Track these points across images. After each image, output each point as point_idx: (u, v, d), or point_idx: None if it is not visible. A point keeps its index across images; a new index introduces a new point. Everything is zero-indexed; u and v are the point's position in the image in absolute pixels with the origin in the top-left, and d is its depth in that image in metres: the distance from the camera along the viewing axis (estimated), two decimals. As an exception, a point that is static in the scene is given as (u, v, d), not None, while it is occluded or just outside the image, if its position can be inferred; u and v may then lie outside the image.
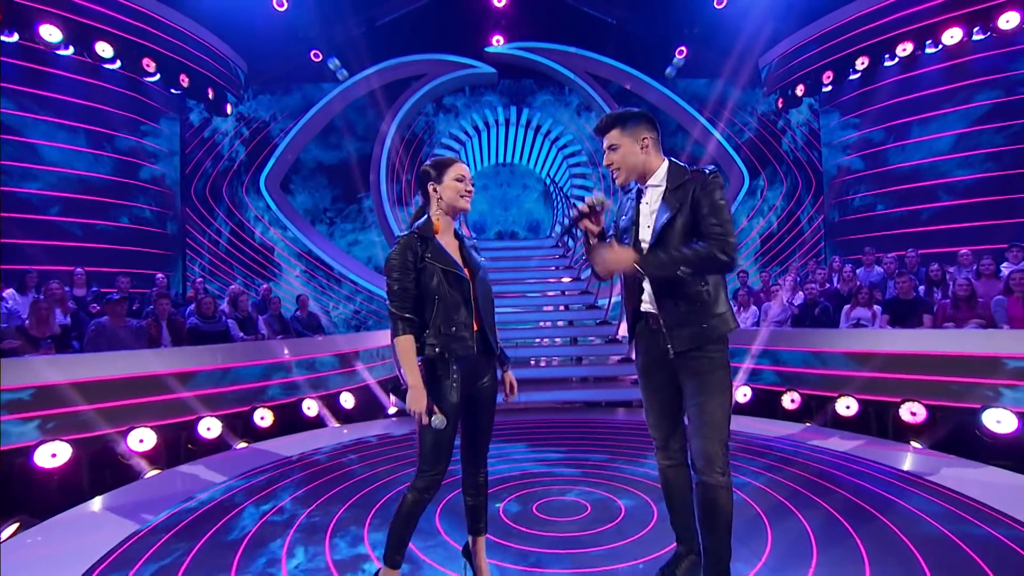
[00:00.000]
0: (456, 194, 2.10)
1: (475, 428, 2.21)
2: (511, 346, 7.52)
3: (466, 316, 2.05)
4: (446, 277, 2.03)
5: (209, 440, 5.04)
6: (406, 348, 1.99)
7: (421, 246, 2.04)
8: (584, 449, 4.65)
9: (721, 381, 1.98)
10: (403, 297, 2.00)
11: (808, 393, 5.56)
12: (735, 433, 5.03)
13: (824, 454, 4.43)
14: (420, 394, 1.99)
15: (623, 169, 2.05)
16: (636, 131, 2.02)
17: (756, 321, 6.88)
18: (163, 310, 5.92)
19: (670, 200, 1.98)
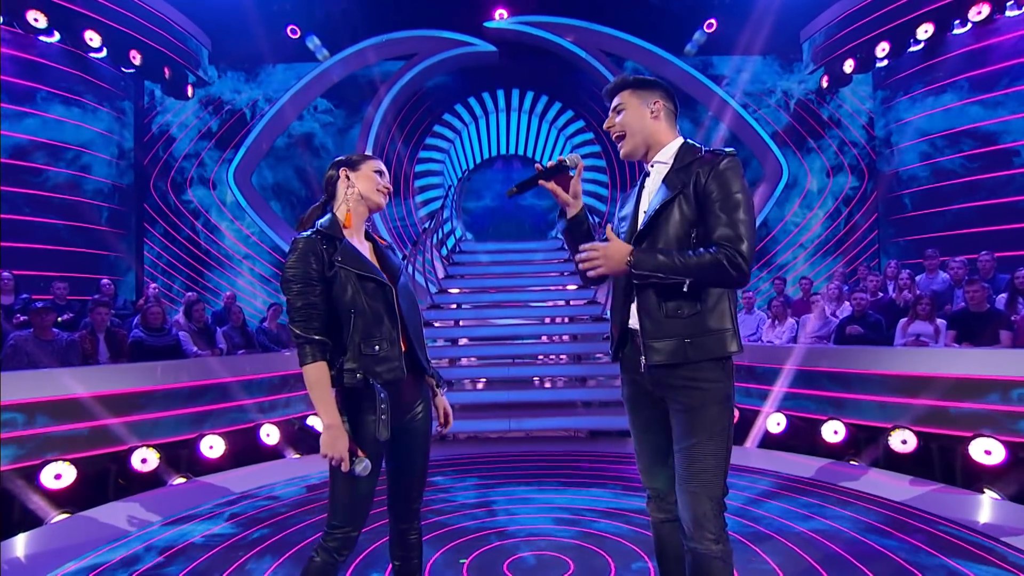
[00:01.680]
0: (373, 185, 1.99)
1: (405, 472, 2.04)
2: (507, 363, 7.34)
3: (390, 332, 1.90)
4: (363, 285, 1.88)
5: (144, 474, 4.88)
6: (318, 378, 1.82)
7: (328, 249, 1.87)
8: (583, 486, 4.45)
9: (716, 420, 1.78)
10: (309, 315, 1.83)
11: (855, 423, 5.33)
12: (764, 471, 4.90)
13: (873, 502, 4.17)
14: (339, 434, 1.82)
15: (628, 135, 1.92)
16: (648, 94, 1.92)
17: (793, 336, 6.68)
18: (100, 321, 5.76)
19: (672, 180, 1.83)
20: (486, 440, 6.26)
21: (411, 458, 2.04)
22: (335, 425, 1.81)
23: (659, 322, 1.80)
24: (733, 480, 4.54)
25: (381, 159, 2.10)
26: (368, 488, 1.89)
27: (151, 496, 4.65)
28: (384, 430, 1.83)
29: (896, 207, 10.13)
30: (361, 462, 1.82)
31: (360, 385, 1.85)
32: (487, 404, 6.62)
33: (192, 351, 6.17)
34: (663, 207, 1.81)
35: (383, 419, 1.83)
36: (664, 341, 1.79)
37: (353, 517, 1.88)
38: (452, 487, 4.61)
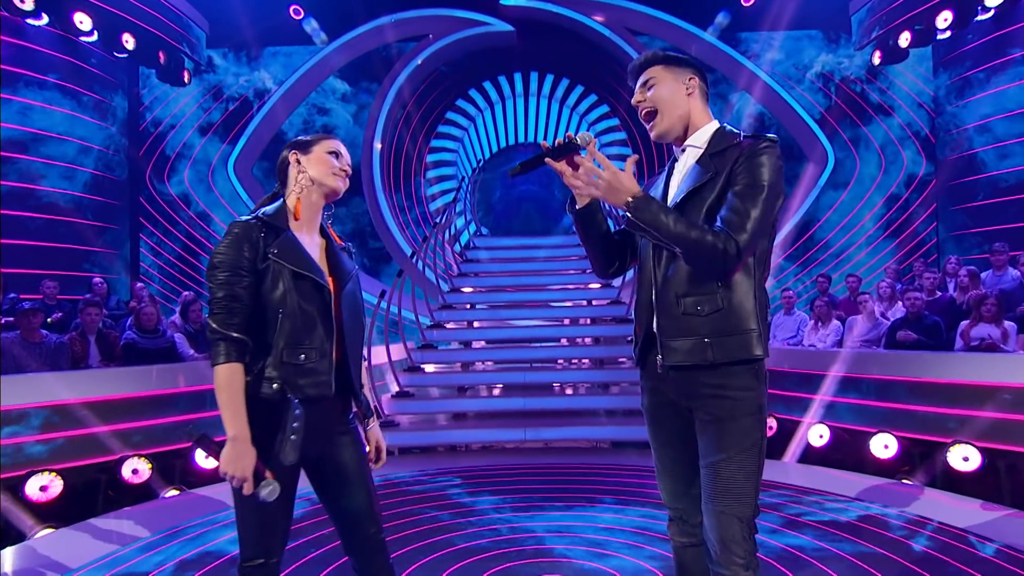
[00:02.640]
0: (327, 169, 1.88)
1: (344, 505, 1.89)
2: (524, 367, 7.31)
3: (323, 341, 1.80)
4: (297, 284, 1.77)
5: (135, 485, 4.90)
6: (229, 381, 1.69)
7: (265, 239, 1.77)
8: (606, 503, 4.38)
9: (747, 433, 1.74)
10: (230, 308, 1.71)
11: (908, 437, 5.20)
12: (804, 488, 4.80)
13: (928, 526, 4.03)
14: (244, 450, 1.67)
15: (662, 112, 1.84)
16: (681, 71, 1.88)
17: (838, 340, 6.57)
18: (91, 322, 5.82)
19: (705, 164, 1.79)
20: (500, 451, 6.22)
21: (346, 489, 1.89)
22: (240, 439, 1.67)
23: (676, 319, 1.77)
24: (768, 499, 4.48)
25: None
26: (280, 514, 1.77)
27: (142, 510, 4.65)
28: (291, 452, 1.69)
29: (958, 196, 9.85)
30: (268, 485, 1.68)
31: (277, 397, 1.73)
32: (502, 412, 6.61)
33: (188, 354, 6.19)
34: (693, 192, 1.75)
35: (292, 439, 1.70)
36: (682, 340, 1.75)
37: (266, 546, 1.76)
38: (462, 501, 4.56)
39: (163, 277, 10.90)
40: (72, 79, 9.16)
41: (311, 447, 1.81)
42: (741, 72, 10.90)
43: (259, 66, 11.39)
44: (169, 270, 11.01)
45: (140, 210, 10.96)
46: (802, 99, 10.92)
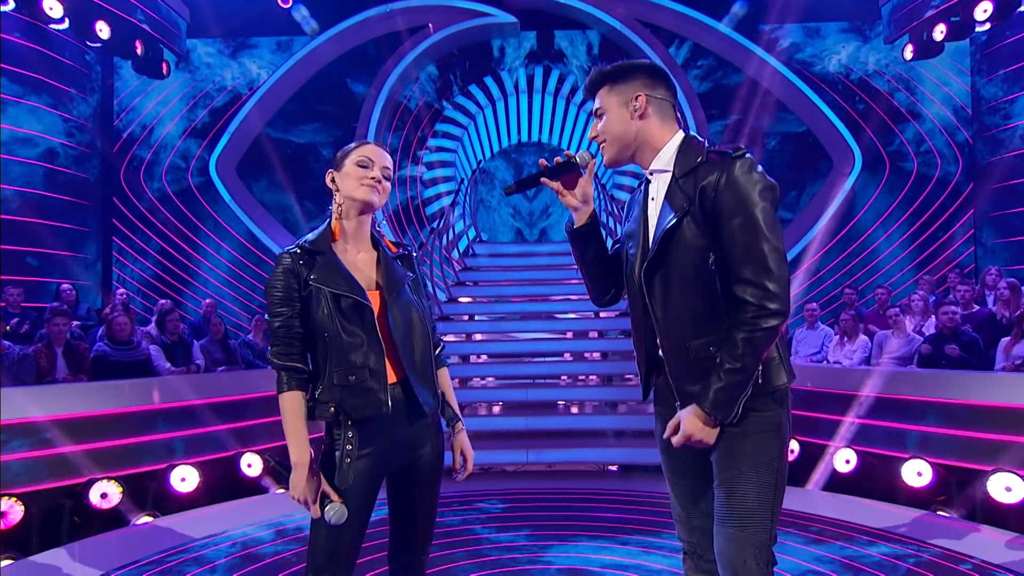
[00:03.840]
0: (356, 182, 1.97)
1: (404, 519, 2.08)
2: (526, 384, 7.29)
3: (374, 360, 1.93)
4: (338, 306, 1.92)
5: (104, 511, 4.86)
6: (290, 409, 1.91)
7: (306, 265, 1.94)
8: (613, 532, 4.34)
9: (762, 449, 1.74)
10: (287, 339, 1.93)
11: (944, 464, 5.15)
12: (829, 519, 4.78)
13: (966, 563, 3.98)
14: (303, 474, 1.88)
15: (607, 143, 1.88)
16: (626, 88, 1.85)
17: (866, 356, 6.54)
18: (58, 332, 5.79)
19: (675, 197, 1.78)
20: (500, 474, 6.20)
21: (410, 504, 2.06)
22: (302, 464, 1.87)
23: (688, 363, 1.79)
24: (789, 530, 4.44)
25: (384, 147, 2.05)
26: (349, 539, 1.92)
27: (111, 538, 4.61)
28: (351, 473, 1.89)
29: (998, 202, 9.82)
30: (333, 508, 1.84)
31: (333, 421, 1.92)
32: (503, 432, 6.58)
33: (164, 367, 6.19)
34: (670, 231, 1.76)
35: (347, 463, 1.89)
36: (699, 384, 1.75)
37: (331, 566, 1.91)
38: (459, 529, 4.53)
39: (138, 284, 10.87)
40: (40, 70, 9.14)
41: (384, 464, 1.97)
42: (760, 66, 10.91)
43: (245, 57, 11.42)
44: (145, 276, 10.98)
45: (113, 211, 10.94)
46: (827, 96, 10.92)
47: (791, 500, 5.03)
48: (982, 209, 10.29)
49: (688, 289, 1.75)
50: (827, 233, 10.84)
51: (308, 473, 1.87)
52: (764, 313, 1.66)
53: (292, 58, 11.13)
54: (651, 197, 1.88)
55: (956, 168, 10.66)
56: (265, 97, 11.12)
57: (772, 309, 1.66)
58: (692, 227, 1.73)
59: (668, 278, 1.78)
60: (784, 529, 4.42)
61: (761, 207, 1.67)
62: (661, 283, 1.79)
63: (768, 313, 1.66)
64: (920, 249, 10.67)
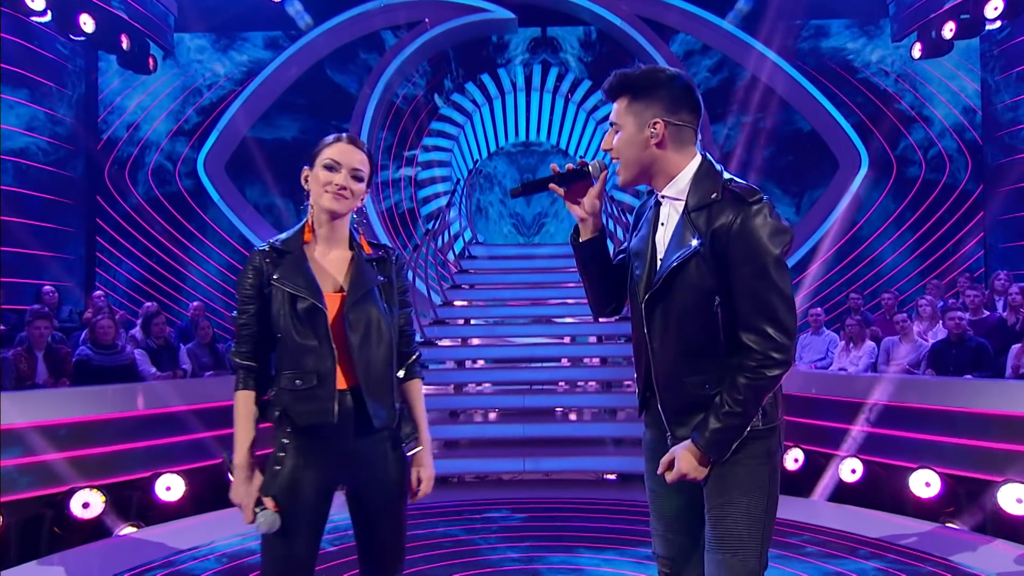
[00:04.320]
0: (320, 188, 1.94)
1: (367, 538, 2.05)
2: (523, 390, 7.28)
3: (325, 366, 1.91)
4: (293, 307, 1.92)
5: (86, 521, 4.81)
6: (238, 408, 1.95)
7: (272, 263, 1.96)
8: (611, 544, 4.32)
9: (753, 477, 1.77)
10: (247, 337, 1.97)
11: (953, 474, 5.16)
12: (833, 531, 4.77)
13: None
14: (243, 478, 1.90)
15: (623, 162, 1.85)
16: (648, 108, 1.79)
17: (872, 363, 6.54)
18: (39, 336, 5.77)
19: (686, 232, 1.77)
20: (496, 483, 6.21)
21: (370, 524, 2.02)
22: (240, 466, 1.90)
23: (681, 398, 1.82)
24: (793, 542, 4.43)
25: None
26: (299, 556, 1.91)
27: (93, 550, 4.57)
28: (271, 485, 1.88)
29: (1009, 205, 9.87)
30: (265, 516, 1.84)
31: (277, 425, 1.93)
32: (499, 439, 6.60)
33: (150, 372, 6.18)
34: (679, 267, 1.76)
35: (276, 469, 1.89)
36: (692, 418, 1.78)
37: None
38: (453, 540, 4.52)
39: (123, 286, 10.83)
40: (21, 64, 9.11)
41: (333, 476, 1.96)
42: (763, 65, 10.93)
43: (235, 52, 11.41)
44: (130, 278, 10.95)
45: (97, 211, 10.90)
46: (833, 96, 10.95)
47: (795, 511, 5.08)
48: (992, 212, 10.32)
49: (689, 326, 1.76)
50: (832, 236, 10.85)
51: (246, 476, 1.89)
52: (769, 363, 1.69)
53: (284, 53, 11.13)
54: (661, 222, 1.87)
55: (965, 170, 10.69)
56: (255, 94, 11.11)
57: (777, 359, 1.69)
58: (701, 267, 1.73)
59: (669, 312, 1.78)
60: (787, 541, 4.43)
61: (774, 256, 1.68)
62: (662, 316, 1.80)
63: (773, 363, 1.69)
64: (928, 253, 10.70)
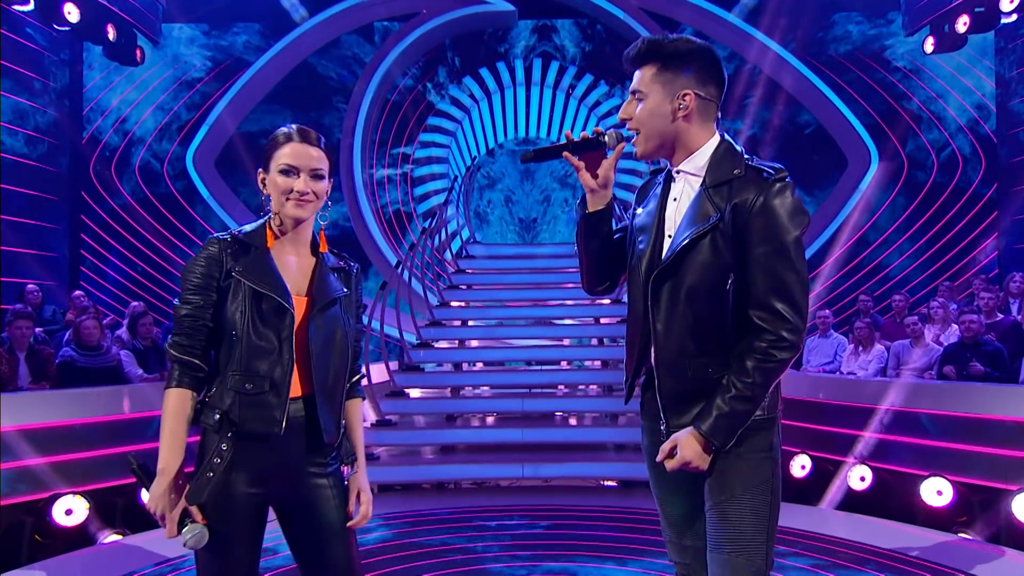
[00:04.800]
0: (280, 197, 1.87)
1: (317, 566, 1.92)
2: (522, 394, 7.28)
3: (280, 372, 1.82)
4: (256, 304, 1.82)
5: (69, 529, 4.79)
6: (173, 408, 1.80)
7: (232, 256, 1.85)
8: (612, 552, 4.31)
9: (755, 472, 1.76)
10: (191, 331, 1.81)
11: (966, 483, 5.14)
12: (842, 540, 4.75)
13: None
14: (164, 483, 1.75)
15: (643, 133, 1.82)
16: (676, 80, 1.78)
17: (882, 367, 6.54)
18: (21, 336, 5.75)
19: (704, 207, 1.76)
20: (494, 490, 6.19)
21: (320, 544, 1.90)
22: (167, 471, 1.76)
23: (682, 381, 1.79)
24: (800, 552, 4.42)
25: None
26: (240, 567, 1.83)
27: (76, 558, 4.54)
28: (198, 492, 1.75)
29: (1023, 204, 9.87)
30: (192, 530, 1.72)
31: (214, 428, 1.80)
32: (497, 444, 6.57)
33: (136, 374, 6.16)
34: (693, 242, 1.74)
35: (207, 476, 1.75)
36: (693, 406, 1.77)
37: None
38: (450, 548, 4.50)
39: (109, 285, 10.81)
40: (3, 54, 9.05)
41: (270, 489, 1.85)
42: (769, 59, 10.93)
43: (226, 44, 11.39)
44: (116, 277, 10.93)
45: (82, 207, 10.88)
46: (842, 91, 10.96)
47: (802, 519, 5.06)
48: (1007, 212, 10.32)
49: (699, 304, 1.75)
50: (841, 236, 10.86)
51: (172, 484, 1.75)
52: (781, 344, 1.68)
53: (276, 45, 11.12)
54: (673, 197, 1.86)
55: (979, 168, 10.68)
56: (247, 87, 11.11)
57: (789, 341, 1.69)
58: (717, 243, 1.72)
59: (677, 289, 1.76)
60: (794, 551, 4.41)
61: (793, 236, 1.69)
62: (669, 293, 1.77)
63: (785, 345, 1.69)
64: (940, 253, 10.69)
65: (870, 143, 10.72)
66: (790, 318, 1.68)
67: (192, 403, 1.81)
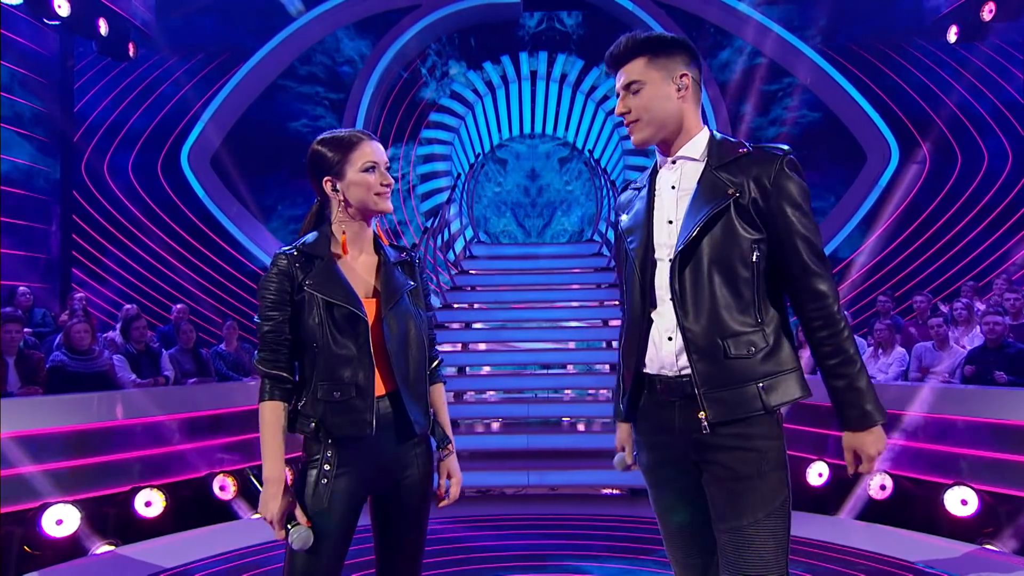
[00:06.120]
0: (368, 192, 1.99)
1: (388, 548, 2.08)
2: (527, 399, 7.27)
3: (363, 376, 1.95)
4: (331, 315, 1.94)
5: (59, 540, 4.79)
6: (269, 420, 1.95)
7: (301, 270, 1.97)
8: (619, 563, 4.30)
9: (776, 491, 1.78)
10: (275, 345, 1.97)
11: (991, 491, 5.11)
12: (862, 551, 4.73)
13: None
14: (275, 493, 1.91)
15: (643, 121, 1.87)
16: (671, 63, 1.86)
17: (903, 371, 6.54)
18: (11, 340, 5.77)
19: (715, 182, 1.82)
20: (499, 498, 6.22)
21: (394, 533, 2.06)
22: (274, 480, 1.91)
23: (721, 364, 1.78)
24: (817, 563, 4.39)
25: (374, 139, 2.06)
26: (328, 563, 1.93)
27: (66, 570, 4.55)
28: (323, 498, 1.91)
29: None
30: (298, 531, 1.86)
31: (312, 437, 1.95)
32: (501, 451, 6.59)
33: (129, 379, 6.19)
34: (713, 219, 1.78)
35: (323, 484, 1.91)
36: (731, 390, 1.77)
37: None
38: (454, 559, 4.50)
39: (101, 287, 10.82)
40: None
41: (366, 487, 2.00)
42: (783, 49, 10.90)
43: (221, 39, 11.42)
44: (109, 279, 10.94)
45: (74, 207, 10.90)
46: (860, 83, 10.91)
47: (820, 530, 5.03)
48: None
49: (727, 282, 1.78)
50: (859, 234, 10.82)
51: (279, 490, 1.90)
52: (838, 302, 1.81)
53: (274, 39, 11.15)
54: (671, 185, 1.90)
55: (1005, 163, 10.59)
56: (243, 83, 11.15)
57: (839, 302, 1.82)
58: (740, 216, 1.78)
59: (700, 269, 1.79)
60: (812, 562, 4.39)
61: (810, 209, 1.82)
62: (693, 275, 1.79)
63: (840, 303, 1.81)
64: (964, 252, 10.61)
65: (890, 136, 10.70)
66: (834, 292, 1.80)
67: (285, 413, 1.95)
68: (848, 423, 1.80)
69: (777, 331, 1.82)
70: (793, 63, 10.97)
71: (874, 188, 10.68)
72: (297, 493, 1.93)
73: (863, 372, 1.79)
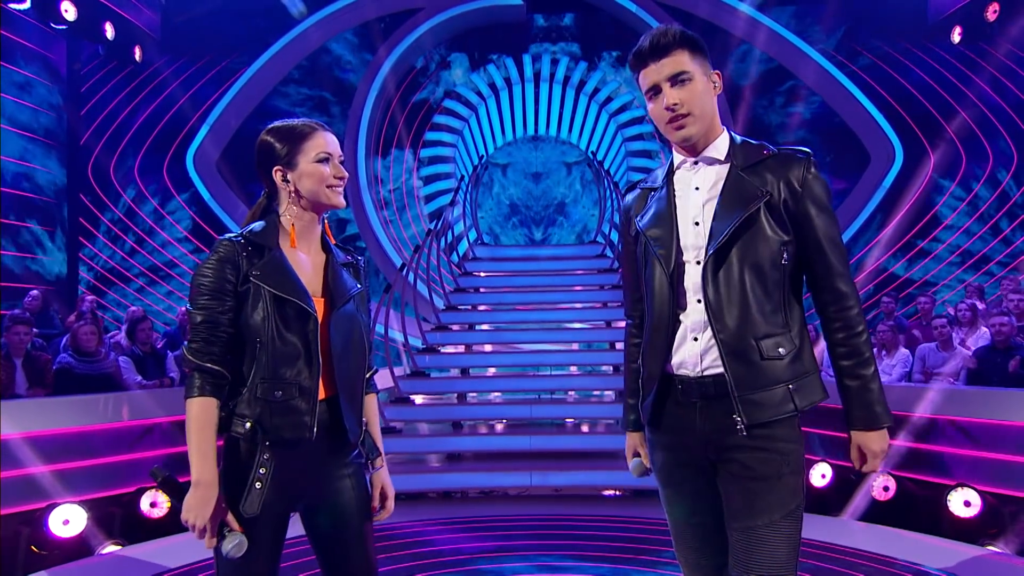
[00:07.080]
0: (321, 184, 1.91)
1: (335, 565, 1.97)
2: (531, 400, 7.27)
3: (307, 376, 1.85)
4: (278, 310, 1.83)
5: (66, 540, 4.80)
6: (199, 417, 1.78)
7: (248, 260, 1.85)
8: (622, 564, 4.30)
9: (793, 494, 1.79)
10: (209, 337, 1.81)
11: (995, 493, 5.10)
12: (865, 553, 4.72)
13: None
14: (207, 496, 1.75)
15: (695, 115, 1.84)
16: (706, 61, 1.88)
17: (907, 372, 6.53)
18: (19, 342, 5.81)
19: (745, 184, 1.82)
20: (503, 499, 6.18)
21: (340, 545, 1.95)
22: (204, 483, 1.75)
23: (756, 366, 1.78)
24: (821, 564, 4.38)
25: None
26: (263, 569, 1.83)
27: (73, 570, 4.56)
28: (253, 504, 1.77)
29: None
30: (234, 539, 1.74)
31: (247, 438, 1.81)
32: (505, 452, 6.58)
33: (135, 381, 6.20)
34: (745, 225, 1.79)
35: (257, 488, 1.78)
36: (766, 392, 1.78)
37: None
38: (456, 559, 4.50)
39: (107, 289, 10.88)
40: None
41: (298, 494, 1.89)
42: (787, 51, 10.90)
43: (226, 42, 11.46)
44: (115, 280, 11.00)
45: (80, 210, 10.96)
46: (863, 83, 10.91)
47: (823, 531, 5.03)
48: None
49: (758, 283, 1.79)
50: (863, 234, 10.80)
51: (211, 494, 1.75)
52: (859, 304, 1.84)
53: (277, 43, 11.18)
54: (695, 186, 1.89)
55: (1009, 162, 10.57)
56: (248, 85, 11.19)
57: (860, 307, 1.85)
58: (770, 219, 1.80)
59: (731, 271, 1.79)
60: (814, 563, 4.38)
61: (835, 218, 1.86)
62: (725, 276, 1.79)
63: (862, 308, 1.84)
64: (969, 252, 10.59)
65: (893, 136, 10.68)
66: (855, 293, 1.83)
67: (217, 411, 1.80)
68: (856, 423, 1.82)
69: (801, 332, 1.84)
70: (797, 65, 10.96)
71: (878, 189, 10.66)
72: (229, 498, 1.79)
73: (876, 375, 1.82)
